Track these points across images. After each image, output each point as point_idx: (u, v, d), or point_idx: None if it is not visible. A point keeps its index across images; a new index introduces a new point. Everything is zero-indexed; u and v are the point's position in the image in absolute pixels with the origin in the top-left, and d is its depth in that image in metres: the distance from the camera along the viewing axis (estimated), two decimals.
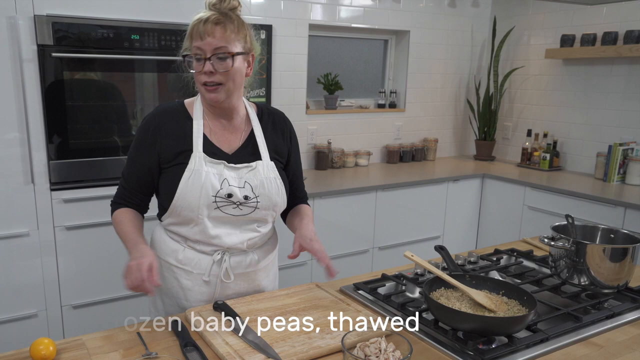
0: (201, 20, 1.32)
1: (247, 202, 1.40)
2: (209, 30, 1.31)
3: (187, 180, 1.36)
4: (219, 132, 1.44)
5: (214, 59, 1.33)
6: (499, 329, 1.20)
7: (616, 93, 3.41)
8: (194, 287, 1.45)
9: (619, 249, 1.45)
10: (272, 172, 1.44)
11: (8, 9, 2.15)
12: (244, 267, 1.48)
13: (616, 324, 1.33)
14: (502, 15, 4.05)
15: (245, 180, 1.40)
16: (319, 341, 1.19)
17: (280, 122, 1.54)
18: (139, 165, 1.42)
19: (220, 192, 1.37)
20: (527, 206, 3.33)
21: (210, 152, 1.40)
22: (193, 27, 1.34)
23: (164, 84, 2.59)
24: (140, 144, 1.42)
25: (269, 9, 3.21)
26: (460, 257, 1.74)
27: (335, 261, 3.08)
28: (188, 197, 1.36)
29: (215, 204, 1.37)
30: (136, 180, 1.44)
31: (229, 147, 1.44)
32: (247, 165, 1.41)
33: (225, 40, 1.33)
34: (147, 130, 1.41)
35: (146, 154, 1.41)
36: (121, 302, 2.58)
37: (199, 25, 1.32)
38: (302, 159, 1.72)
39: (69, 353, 1.15)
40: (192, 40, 1.34)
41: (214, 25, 1.32)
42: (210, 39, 1.31)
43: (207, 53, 1.32)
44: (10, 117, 2.24)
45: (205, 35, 1.31)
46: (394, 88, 3.99)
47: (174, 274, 1.46)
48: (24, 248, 2.35)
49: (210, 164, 1.38)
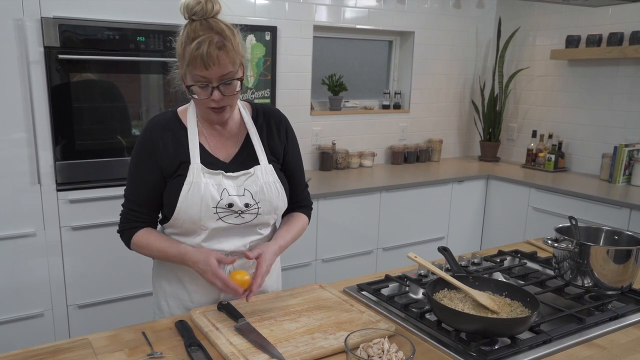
0: (201, 46, 1.22)
1: (248, 210, 1.39)
2: (213, 59, 1.23)
3: (187, 193, 1.34)
4: (214, 139, 1.42)
5: (222, 86, 1.28)
6: (502, 330, 1.20)
7: (622, 94, 3.40)
8: (199, 289, 1.45)
9: (623, 251, 1.44)
10: (271, 175, 1.43)
11: (15, 11, 2.17)
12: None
13: (620, 326, 1.33)
14: (507, 16, 4.04)
15: (245, 188, 1.38)
16: (323, 341, 1.20)
17: (275, 120, 1.50)
18: (144, 183, 1.39)
19: (220, 202, 1.35)
20: (532, 207, 3.33)
21: (207, 162, 1.38)
22: (193, 55, 1.23)
23: (169, 85, 2.60)
24: (140, 162, 1.39)
25: (273, 11, 3.22)
26: (463, 259, 1.74)
27: (339, 262, 3.11)
28: (189, 210, 1.35)
29: (217, 215, 1.36)
30: (143, 198, 1.40)
31: (226, 154, 1.42)
32: (245, 172, 1.40)
33: (230, 64, 1.26)
34: (145, 147, 1.38)
35: (148, 171, 1.38)
36: (126, 302, 2.60)
37: (200, 53, 1.22)
38: (306, 160, 1.72)
39: (74, 352, 1.16)
40: (194, 68, 1.25)
41: (218, 51, 1.23)
42: (216, 68, 1.24)
43: (213, 82, 1.27)
44: (17, 118, 2.26)
45: (210, 64, 1.23)
46: (398, 89, 3.99)
47: (177, 275, 1.47)
48: (31, 248, 2.37)
49: (209, 174, 1.36)
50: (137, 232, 1.41)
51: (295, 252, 2.92)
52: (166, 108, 2.60)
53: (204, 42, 1.23)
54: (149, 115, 2.57)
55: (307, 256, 3.01)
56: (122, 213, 1.43)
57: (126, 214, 1.42)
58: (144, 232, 1.41)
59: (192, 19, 1.27)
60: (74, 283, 2.48)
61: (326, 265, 3.08)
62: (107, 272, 2.53)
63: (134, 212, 1.41)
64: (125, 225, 1.42)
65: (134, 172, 1.40)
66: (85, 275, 2.50)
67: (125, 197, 1.42)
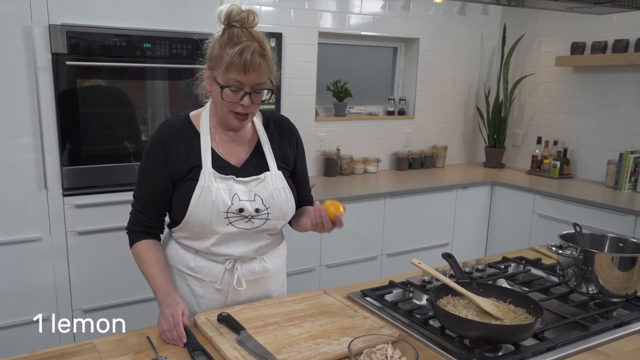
0: (244, 52, 1.26)
1: (258, 215, 1.41)
2: (255, 66, 1.27)
3: (198, 197, 1.36)
4: (226, 144, 1.44)
5: (253, 94, 1.32)
6: (506, 337, 1.20)
7: (627, 101, 3.39)
8: (206, 294, 1.47)
9: (628, 258, 1.44)
10: (281, 182, 1.45)
11: (24, 19, 2.20)
12: (255, 274, 1.49)
13: (624, 333, 1.32)
14: (511, 23, 4.05)
15: (255, 193, 1.40)
16: (326, 347, 1.20)
17: (286, 129, 1.54)
18: (153, 185, 1.41)
19: (231, 207, 1.37)
20: (537, 214, 3.32)
21: (219, 166, 1.39)
22: (234, 59, 1.26)
23: (175, 92, 2.62)
24: (151, 164, 1.41)
25: (279, 17, 3.24)
26: (468, 265, 1.74)
27: (343, 267, 3.11)
28: (200, 214, 1.37)
29: (227, 220, 1.38)
30: (152, 201, 1.42)
31: (237, 159, 1.44)
32: (256, 177, 1.42)
33: (266, 74, 1.31)
34: (157, 148, 1.40)
35: (159, 173, 1.39)
36: (131, 306, 2.61)
37: (244, 58, 1.26)
38: (311, 165, 1.74)
39: (80, 356, 1.17)
40: (232, 71, 1.28)
41: (260, 59, 1.28)
42: (254, 74, 1.28)
43: (246, 87, 1.30)
44: (25, 124, 2.28)
45: (250, 70, 1.27)
46: (403, 95, 4.00)
47: (186, 281, 1.48)
48: (37, 252, 2.38)
49: (220, 179, 1.38)
50: (141, 241, 1.43)
51: (299, 258, 2.92)
52: (172, 114, 2.62)
53: (247, 48, 1.27)
54: (154, 121, 2.59)
55: (312, 262, 3.01)
56: (130, 212, 1.46)
57: (134, 214, 1.45)
58: (146, 245, 1.43)
59: (232, 25, 1.30)
60: (79, 287, 2.49)
61: (330, 271, 3.08)
62: (112, 276, 2.54)
63: (140, 214, 1.43)
64: (132, 226, 1.45)
65: (143, 173, 1.43)
66: (90, 279, 2.51)
67: (134, 197, 1.45)
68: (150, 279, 1.41)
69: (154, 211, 1.44)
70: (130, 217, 1.46)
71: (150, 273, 1.40)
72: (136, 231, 1.44)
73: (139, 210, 1.44)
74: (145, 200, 1.43)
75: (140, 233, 1.44)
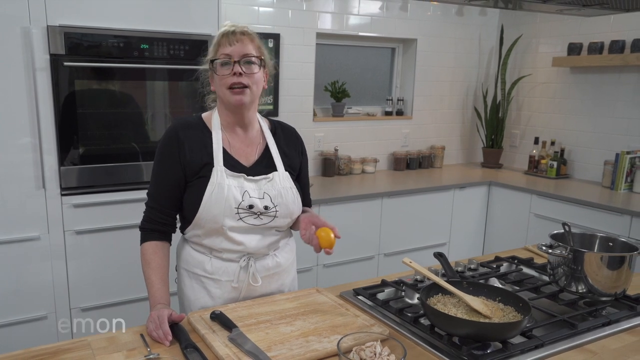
0: (228, 31, 1.44)
1: (267, 212, 1.46)
2: (238, 38, 1.43)
3: (211, 194, 1.41)
4: (237, 145, 1.50)
5: (242, 63, 1.42)
6: (494, 335, 1.22)
7: (624, 101, 3.41)
8: (223, 295, 1.50)
9: (616, 257, 1.46)
10: (288, 182, 1.51)
11: (22, 20, 2.22)
12: (268, 269, 1.54)
13: (612, 332, 1.34)
14: (509, 24, 4.06)
15: (264, 191, 1.46)
16: (317, 345, 1.22)
17: (293, 138, 1.62)
18: (166, 178, 1.46)
19: (242, 203, 1.43)
20: (534, 214, 3.33)
21: (230, 165, 1.46)
22: (220, 37, 1.44)
23: (173, 92, 2.64)
24: (165, 158, 1.46)
25: (277, 18, 3.26)
26: (460, 264, 1.76)
27: (340, 267, 3.12)
28: (212, 209, 1.42)
29: (238, 215, 1.43)
30: (164, 195, 1.47)
31: (247, 160, 1.50)
32: (265, 176, 1.48)
33: (252, 49, 1.44)
34: (171, 143, 1.46)
35: (173, 168, 1.45)
36: (129, 305, 2.63)
37: (227, 35, 1.43)
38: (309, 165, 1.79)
39: (74, 353, 1.19)
40: (220, 47, 1.44)
41: (242, 35, 1.44)
42: (239, 45, 1.42)
43: (235, 57, 1.42)
44: (23, 124, 2.30)
45: (234, 41, 1.42)
46: (401, 96, 4.01)
47: (202, 283, 1.51)
48: (35, 251, 2.40)
49: (231, 177, 1.44)
50: (150, 242, 1.48)
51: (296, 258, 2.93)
52: (171, 115, 2.64)
53: (231, 26, 1.46)
54: (153, 122, 2.61)
55: (309, 261, 3.03)
56: (144, 211, 1.51)
57: (147, 211, 1.50)
58: (154, 248, 1.47)
59: None
60: (77, 286, 2.51)
61: (327, 270, 3.10)
62: (110, 275, 2.55)
63: (153, 210, 1.48)
64: (144, 224, 1.50)
65: (159, 169, 1.48)
66: (88, 278, 2.53)
67: (148, 194, 1.50)
68: (148, 283, 1.45)
69: (167, 206, 1.48)
70: (143, 215, 1.51)
71: (150, 278, 1.45)
72: (148, 229, 1.49)
73: (151, 207, 1.48)
74: (158, 194, 1.48)
75: (151, 231, 1.48)
